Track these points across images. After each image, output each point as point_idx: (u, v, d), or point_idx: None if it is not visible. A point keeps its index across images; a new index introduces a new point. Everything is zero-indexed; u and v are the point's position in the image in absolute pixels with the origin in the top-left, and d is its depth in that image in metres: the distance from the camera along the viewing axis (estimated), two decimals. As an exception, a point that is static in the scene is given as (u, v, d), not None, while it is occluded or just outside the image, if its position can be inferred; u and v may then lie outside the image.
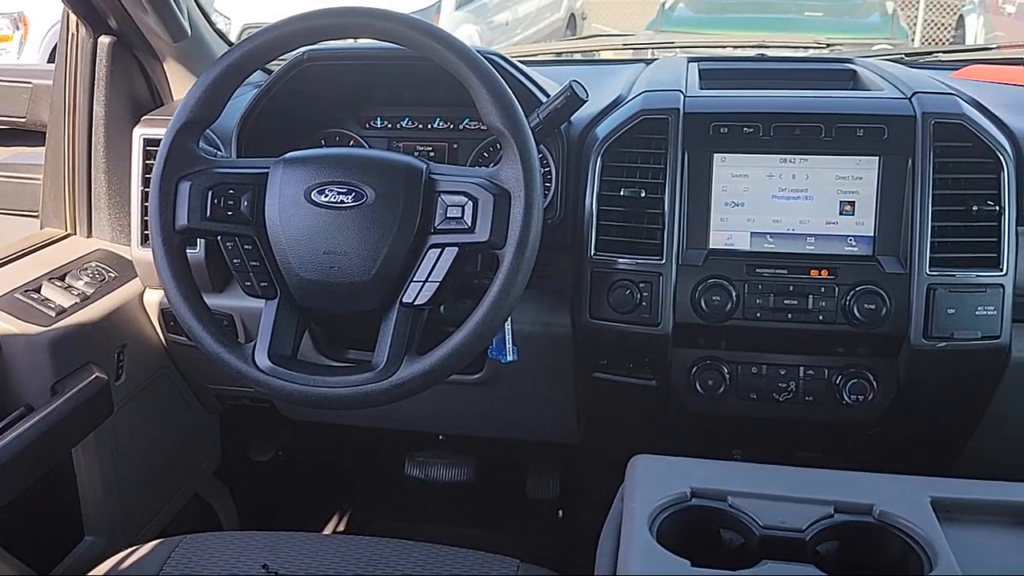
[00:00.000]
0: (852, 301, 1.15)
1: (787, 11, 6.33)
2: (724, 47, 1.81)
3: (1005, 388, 1.21)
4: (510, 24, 7.06)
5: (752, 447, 1.32)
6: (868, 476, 0.91)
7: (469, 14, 6.46)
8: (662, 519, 0.87)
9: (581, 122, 1.28)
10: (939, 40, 8.40)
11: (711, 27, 6.00)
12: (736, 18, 6.23)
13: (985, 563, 0.81)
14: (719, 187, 1.20)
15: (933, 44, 7.81)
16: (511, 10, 7.15)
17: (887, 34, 5.97)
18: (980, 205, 1.14)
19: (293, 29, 1.07)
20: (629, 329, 1.21)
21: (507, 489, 1.79)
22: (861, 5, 6.61)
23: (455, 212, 1.04)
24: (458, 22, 6.24)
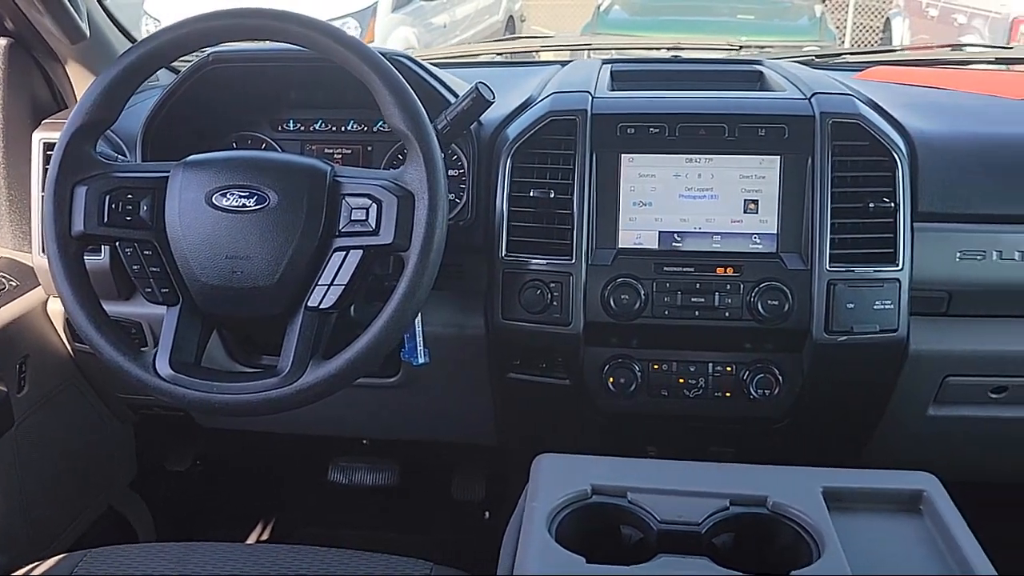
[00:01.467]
0: (756, 297, 1.17)
1: (720, 14, 6.47)
2: (640, 49, 1.83)
3: (905, 380, 1.25)
4: (448, 26, 7.04)
5: (666, 443, 1.34)
6: (764, 469, 0.93)
7: (406, 16, 6.42)
8: (562, 517, 0.87)
9: (492, 123, 1.28)
10: (867, 42, 8.64)
11: (645, 29, 6.08)
12: (669, 20, 6.32)
13: (870, 549, 0.83)
14: (627, 187, 1.21)
15: (861, 46, 8.03)
16: (449, 12, 7.14)
17: (815, 36, 6.13)
18: (876, 202, 1.17)
19: (191, 30, 1.05)
20: (541, 329, 1.22)
21: (433, 492, 1.78)
22: (791, 8, 6.77)
23: (359, 215, 1.03)
24: (395, 24, 6.21)
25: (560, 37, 3.81)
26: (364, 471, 1.71)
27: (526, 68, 1.60)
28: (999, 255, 1.19)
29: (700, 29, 5.92)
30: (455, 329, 1.30)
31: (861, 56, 1.64)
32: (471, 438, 1.53)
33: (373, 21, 5.95)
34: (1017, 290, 1.21)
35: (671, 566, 0.81)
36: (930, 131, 1.23)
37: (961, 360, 1.24)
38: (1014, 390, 1.26)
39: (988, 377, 1.25)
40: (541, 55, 1.98)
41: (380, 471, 1.72)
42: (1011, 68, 1.64)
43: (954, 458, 1.40)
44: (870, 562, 0.82)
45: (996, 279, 1.20)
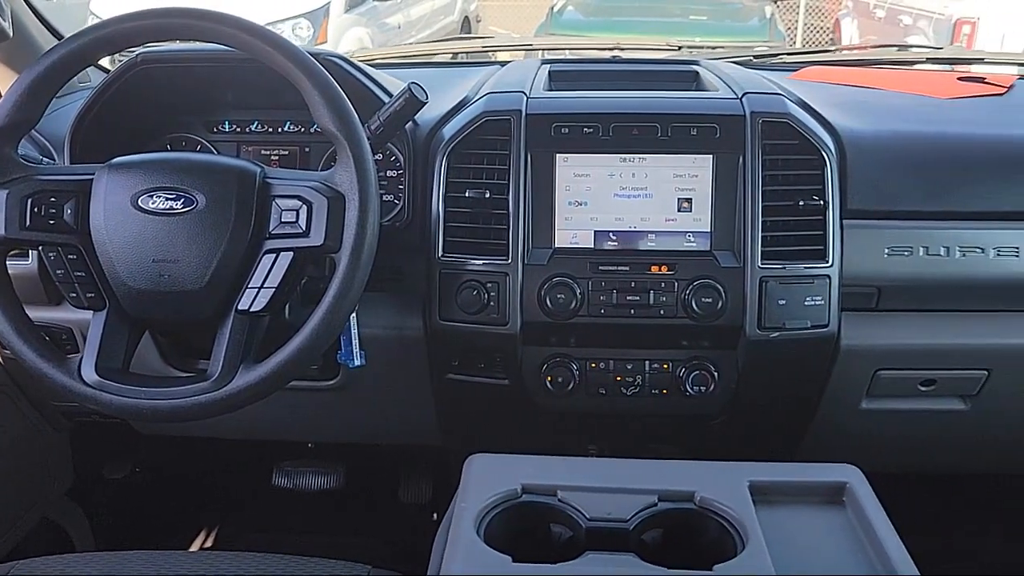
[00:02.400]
0: (691, 295, 1.19)
1: (672, 15, 6.53)
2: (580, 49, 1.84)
3: (838, 374, 1.27)
4: (402, 27, 7.00)
5: (606, 441, 1.34)
6: (693, 464, 0.94)
7: (359, 17, 6.38)
8: (491, 517, 0.87)
9: (428, 124, 1.28)
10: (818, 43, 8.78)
11: (598, 30, 6.12)
12: (623, 21, 6.37)
13: (793, 540, 0.85)
14: (562, 187, 1.22)
15: (811, 47, 8.15)
16: (403, 12, 7.10)
17: (765, 37, 6.21)
18: (806, 200, 1.19)
19: (115, 30, 1.04)
20: (478, 329, 1.22)
21: (379, 494, 1.78)
22: (742, 10, 6.85)
23: (289, 216, 1.03)
24: (348, 25, 6.16)
25: (500, 37, 3.82)
26: (309, 475, 1.70)
27: (466, 68, 1.59)
28: (925, 251, 1.22)
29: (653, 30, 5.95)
30: (394, 331, 1.29)
31: (797, 56, 1.66)
32: (415, 439, 1.53)
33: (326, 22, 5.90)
34: (943, 285, 1.23)
35: (597, 563, 0.81)
36: (859, 130, 1.26)
37: (891, 354, 1.27)
38: (942, 383, 1.29)
39: (918, 370, 1.28)
40: (498, 55, 1.99)
41: (325, 474, 1.70)
42: (955, 68, 1.67)
43: (887, 450, 1.42)
44: (792, 553, 0.83)
45: (923, 274, 1.23)
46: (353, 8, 6.25)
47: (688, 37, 5.56)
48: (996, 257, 1.22)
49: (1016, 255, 1.21)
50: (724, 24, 6.68)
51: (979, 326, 1.26)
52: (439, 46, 1.95)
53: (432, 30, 7.64)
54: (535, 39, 4.10)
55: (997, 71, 1.60)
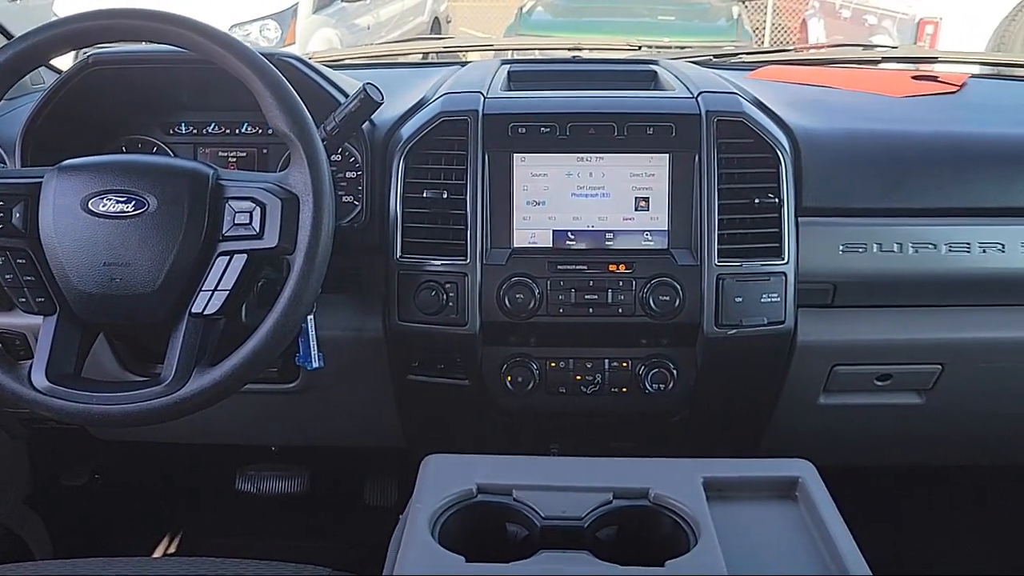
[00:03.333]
0: (648, 293, 1.19)
1: (641, 15, 6.56)
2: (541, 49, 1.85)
3: (795, 370, 1.28)
4: (372, 28, 6.98)
5: (568, 440, 1.35)
6: (648, 461, 0.95)
7: (328, 17, 6.34)
8: (446, 517, 0.87)
9: (385, 124, 1.28)
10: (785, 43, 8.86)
11: (567, 30, 6.12)
12: (591, 22, 6.39)
13: (745, 535, 0.85)
14: (520, 187, 1.22)
15: (778, 47, 8.22)
16: (373, 13, 7.07)
17: (732, 36, 6.26)
18: (762, 198, 1.20)
19: (65, 30, 1.03)
20: (438, 330, 1.22)
21: (345, 498, 1.77)
22: (710, 10, 6.90)
23: (243, 218, 1.02)
24: (317, 26, 6.13)
25: (461, 37, 3.82)
26: (273, 479, 1.69)
27: (427, 69, 1.59)
28: (879, 247, 1.24)
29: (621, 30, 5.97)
30: (353, 332, 1.29)
31: (756, 56, 1.68)
32: (379, 441, 1.52)
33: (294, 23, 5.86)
34: (897, 281, 1.25)
35: (550, 562, 0.81)
36: (813, 128, 1.27)
37: (847, 350, 1.28)
38: (898, 377, 1.30)
39: (873, 365, 1.29)
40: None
41: (289, 478, 1.69)
42: (919, 67, 1.69)
43: (846, 444, 1.44)
44: (744, 548, 0.84)
45: (877, 270, 1.24)
46: (322, 9, 6.21)
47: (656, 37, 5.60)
48: (948, 253, 1.23)
49: (967, 251, 1.23)
50: (692, 24, 6.73)
51: (932, 321, 1.28)
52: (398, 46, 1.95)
53: (402, 31, 7.62)
54: (496, 39, 4.10)
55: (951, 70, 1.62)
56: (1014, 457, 1.49)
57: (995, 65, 1.81)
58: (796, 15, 9.41)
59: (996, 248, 1.23)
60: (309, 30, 5.98)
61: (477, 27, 9.65)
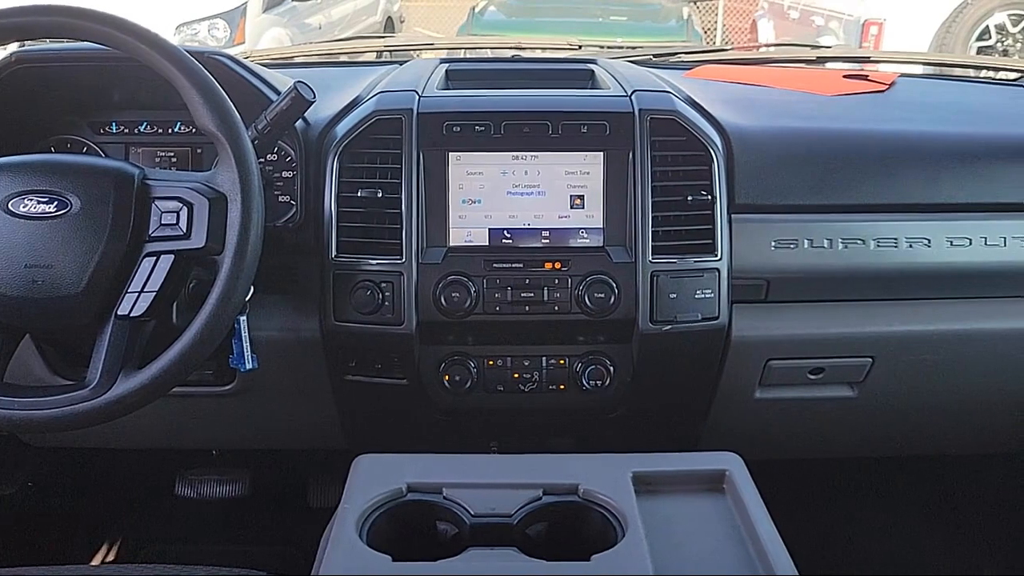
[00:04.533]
0: (584, 291, 1.20)
1: (593, 15, 6.59)
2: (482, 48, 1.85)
3: (730, 365, 1.30)
4: (323, 27, 6.91)
5: (507, 438, 1.35)
6: (579, 457, 0.95)
7: (278, 17, 6.27)
8: (375, 517, 0.87)
9: (320, 123, 1.27)
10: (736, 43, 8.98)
11: (520, 30, 6.13)
12: (544, 22, 6.39)
13: (672, 528, 0.86)
14: (456, 185, 1.22)
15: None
16: (324, 13, 7.01)
17: (683, 37, 6.33)
18: (695, 195, 1.22)
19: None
20: (374, 329, 1.21)
21: (288, 500, 1.75)
22: (660, 11, 6.97)
23: (170, 219, 1.01)
24: (267, 25, 6.05)
25: (400, 36, 3.81)
26: (213, 483, 1.67)
27: (364, 67, 1.58)
28: (810, 243, 1.26)
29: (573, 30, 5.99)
30: (290, 333, 1.28)
31: (694, 55, 1.70)
32: (320, 443, 1.51)
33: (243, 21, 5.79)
34: (828, 276, 1.27)
35: (477, 559, 0.81)
36: (745, 126, 1.29)
37: (781, 344, 1.30)
38: (830, 371, 1.33)
39: (806, 359, 1.32)
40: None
41: (230, 482, 1.67)
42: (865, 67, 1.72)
43: (783, 438, 1.47)
44: (670, 540, 0.85)
45: (808, 266, 1.26)
46: (272, 8, 6.14)
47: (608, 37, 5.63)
48: (876, 248, 1.26)
49: (894, 246, 1.26)
50: (644, 25, 6.78)
51: (862, 315, 1.30)
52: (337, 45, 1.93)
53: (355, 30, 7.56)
54: (438, 38, 4.10)
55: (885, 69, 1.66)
56: (942, 448, 1.53)
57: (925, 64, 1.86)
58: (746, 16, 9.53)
59: (922, 243, 1.26)
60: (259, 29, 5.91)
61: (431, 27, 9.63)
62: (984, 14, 6.11)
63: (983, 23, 6.14)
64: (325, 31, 6.86)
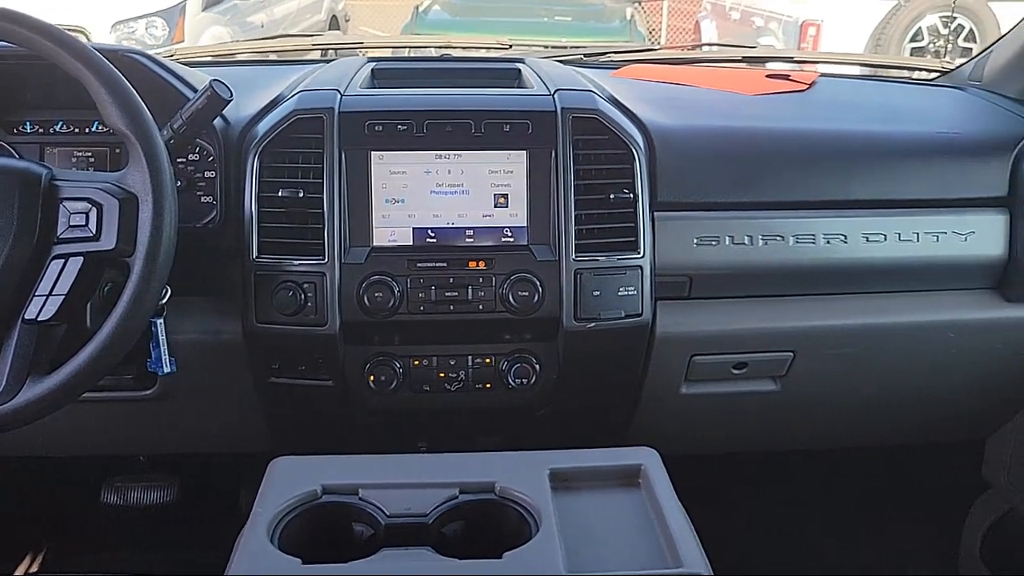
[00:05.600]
0: (508, 289, 1.20)
1: (538, 15, 6.61)
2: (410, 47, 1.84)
3: (655, 361, 1.31)
4: (266, 26, 6.81)
5: (436, 437, 1.35)
6: (497, 455, 0.96)
7: (219, 15, 6.17)
8: (289, 520, 0.87)
9: (241, 122, 1.25)
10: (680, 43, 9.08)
11: (464, 30, 6.12)
12: (489, 21, 6.40)
13: (587, 523, 0.87)
14: (378, 185, 1.21)
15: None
16: (267, 11, 6.91)
17: (626, 37, 6.38)
18: (617, 193, 1.23)
19: None
20: (297, 331, 1.20)
21: (218, 506, 1.72)
22: (604, 11, 7.02)
23: (79, 220, 0.99)
24: (207, 23, 5.95)
25: (329, 35, 3.78)
26: (140, 490, 1.63)
27: (293, 66, 1.56)
28: (731, 240, 1.28)
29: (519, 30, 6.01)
30: (212, 336, 1.26)
31: (623, 55, 1.71)
32: (248, 447, 1.49)
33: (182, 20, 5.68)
34: (749, 272, 1.29)
35: (389, 559, 0.81)
36: (667, 125, 1.30)
37: (705, 340, 1.32)
38: (753, 365, 1.35)
39: (730, 354, 1.34)
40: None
41: (159, 489, 1.64)
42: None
43: (710, 432, 1.49)
44: (584, 535, 0.86)
45: (730, 262, 1.28)
46: (212, 6, 6.04)
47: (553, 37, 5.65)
48: (795, 244, 1.28)
49: (812, 242, 1.29)
50: (588, 25, 6.83)
51: (783, 310, 1.33)
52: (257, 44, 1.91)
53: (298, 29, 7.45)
54: (366, 37, 4.07)
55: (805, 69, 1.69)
56: (864, 440, 1.57)
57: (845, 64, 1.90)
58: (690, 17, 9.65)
59: (839, 239, 1.29)
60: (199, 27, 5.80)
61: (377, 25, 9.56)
62: (916, 16, 6.29)
63: (916, 25, 6.32)
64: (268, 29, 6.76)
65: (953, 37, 6.20)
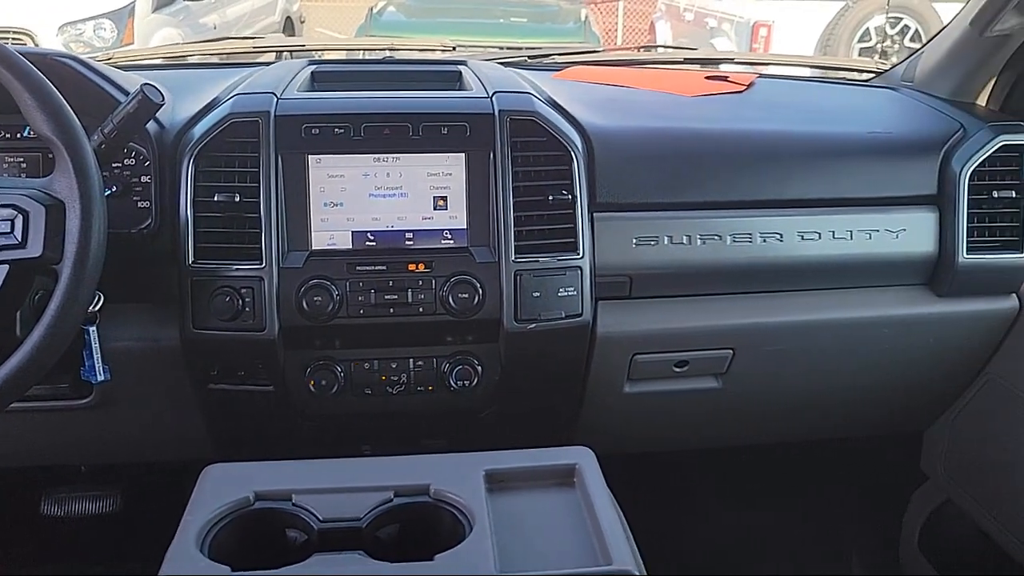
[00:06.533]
0: (448, 291, 1.20)
1: (494, 17, 6.63)
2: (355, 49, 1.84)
3: (597, 361, 1.32)
4: (219, 27, 6.73)
5: (379, 441, 1.34)
6: (432, 458, 0.96)
7: (170, 17, 6.08)
8: (220, 527, 0.86)
9: (176, 126, 1.24)
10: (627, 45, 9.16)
11: (419, 31, 6.11)
12: (444, 23, 6.39)
13: (521, 523, 0.88)
14: (316, 188, 1.21)
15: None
16: (219, 12, 6.82)
17: (580, 38, 6.42)
18: (556, 195, 1.23)
19: None
20: (235, 336, 1.19)
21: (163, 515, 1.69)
22: (559, 12, 7.06)
23: (4, 227, 0.97)
24: (158, 25, 5.86)
25: (271, 37, 3.75)
26: (81, 500, 1.60)
27: (231, 69, 1.55)
28: (670, 240, 1.29)
29: (474, 31, 6.02)
30: (149, 343, 1.24)
31: (566, 56, 1.72)
32: (190, 455, 1.46)
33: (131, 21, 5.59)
34: (688, 271, 1.31)
35: (320, 564, 0.81)
36: (606, 126, 1.32)
37: (646, 339, 1.33)
38: (694, 363, 1.37)
39: (671, 353, 1.35)
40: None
41: (100, 499, 1.61)
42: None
43: (655, 430, 1.50)
44: (518, 535, 0.86)
45: (669, 262, 1.30)
46: (163, 7, 5.95)
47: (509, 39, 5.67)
48: (732, 243, 1.30)
49: (749, 240, 1.31)
50: (544, 26, 6.86)
51: (722, 308, 1.34)
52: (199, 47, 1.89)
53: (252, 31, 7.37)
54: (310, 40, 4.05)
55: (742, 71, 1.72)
56: (803, 435, 1.59)
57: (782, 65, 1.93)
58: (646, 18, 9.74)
59: (775, 238, 1.31)
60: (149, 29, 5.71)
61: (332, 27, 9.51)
62: (864, 17, 6.41)
63: (864, 25, 6.44)
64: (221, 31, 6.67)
65: (899, 37, 6.32)
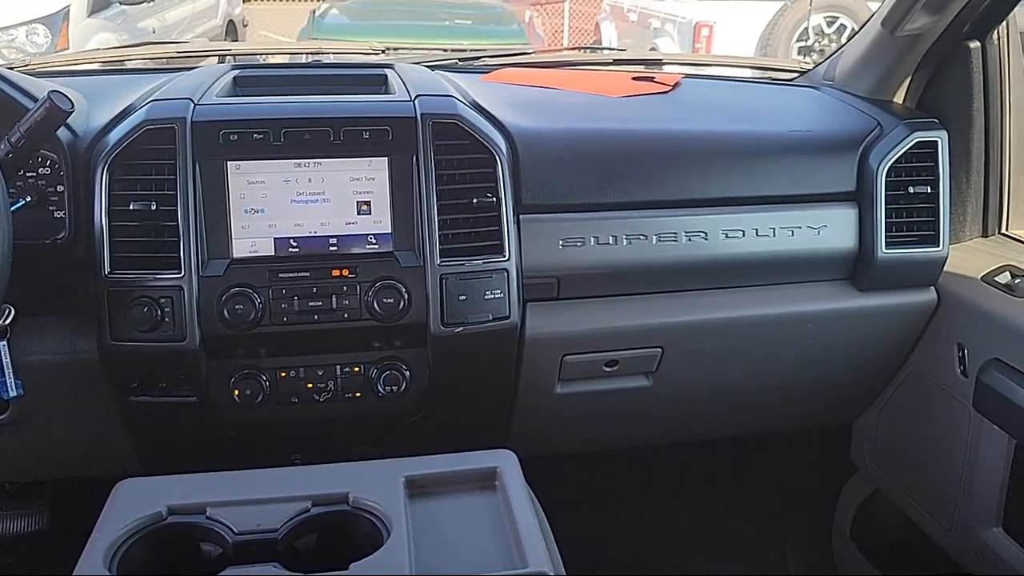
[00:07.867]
0: (373, 297, 1.19)
1: (438, 19, 6.60)
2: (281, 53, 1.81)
3: (527, 362, 1.32)
4: (157, 31, 6.60)
5: (309, 449, 1.32)
6: (352, 466, 0.95)
7: (106, 21, 5.95)
8: (130, 544, 0.84)
9: (90, 133, 1.21)
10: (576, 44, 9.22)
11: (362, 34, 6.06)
12: (388, 25, 6.35)
13: (440, 528, 0.87)
14: (236, 195, 1.19)
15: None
16: (158, 16, 6.69)
17: (524, 40, 6.43)
18: (480, 198, 1.23)
19: None
20: (155, 347, 1.17)
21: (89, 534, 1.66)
22: (503, 15, 7.06)
23: None
24: (94, 30, 5.73)
25: (196, 42, 3.70)
26: (6, 519, 1.56)
27: (151, 75, 1.52)
28: (596, 240, 1.30)
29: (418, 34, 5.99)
30: (66, 356, 1.21)
31: (497, 59, 1.72)
32: (117, 470, 1.42)
33: (66, 26, 5.46)
34: (615, 271, 1.32)
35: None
36: (530, 128, 1.32)
37: (575, 340, 1.34)
38: (624, 362, 1.38)
39: (601, 353, 1.36)
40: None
41: (24, 517, 1.57)
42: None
43: (588, 430, 1.51)
44: (436, 540, 0.86)
45: (596, 262, 1.30)
46: (98, 12, 5.82)
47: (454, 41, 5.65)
48: (657, 243, 1.32)
49: (674, 239, 1.32)
50: (488, 28, 6.85)
51: (650, 307, 1.35)
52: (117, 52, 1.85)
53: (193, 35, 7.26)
54: (235, 44, 4.01)
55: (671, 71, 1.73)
56: (733, 430, 1.62)
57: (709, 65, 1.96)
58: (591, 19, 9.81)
59: (700, 236, 1.33)
60: (85, 34, 5.59)
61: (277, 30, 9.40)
62: (802, 16, 6.52)
63: (802, 25, 6.55)
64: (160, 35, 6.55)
65: (836, 36, 6.45)
